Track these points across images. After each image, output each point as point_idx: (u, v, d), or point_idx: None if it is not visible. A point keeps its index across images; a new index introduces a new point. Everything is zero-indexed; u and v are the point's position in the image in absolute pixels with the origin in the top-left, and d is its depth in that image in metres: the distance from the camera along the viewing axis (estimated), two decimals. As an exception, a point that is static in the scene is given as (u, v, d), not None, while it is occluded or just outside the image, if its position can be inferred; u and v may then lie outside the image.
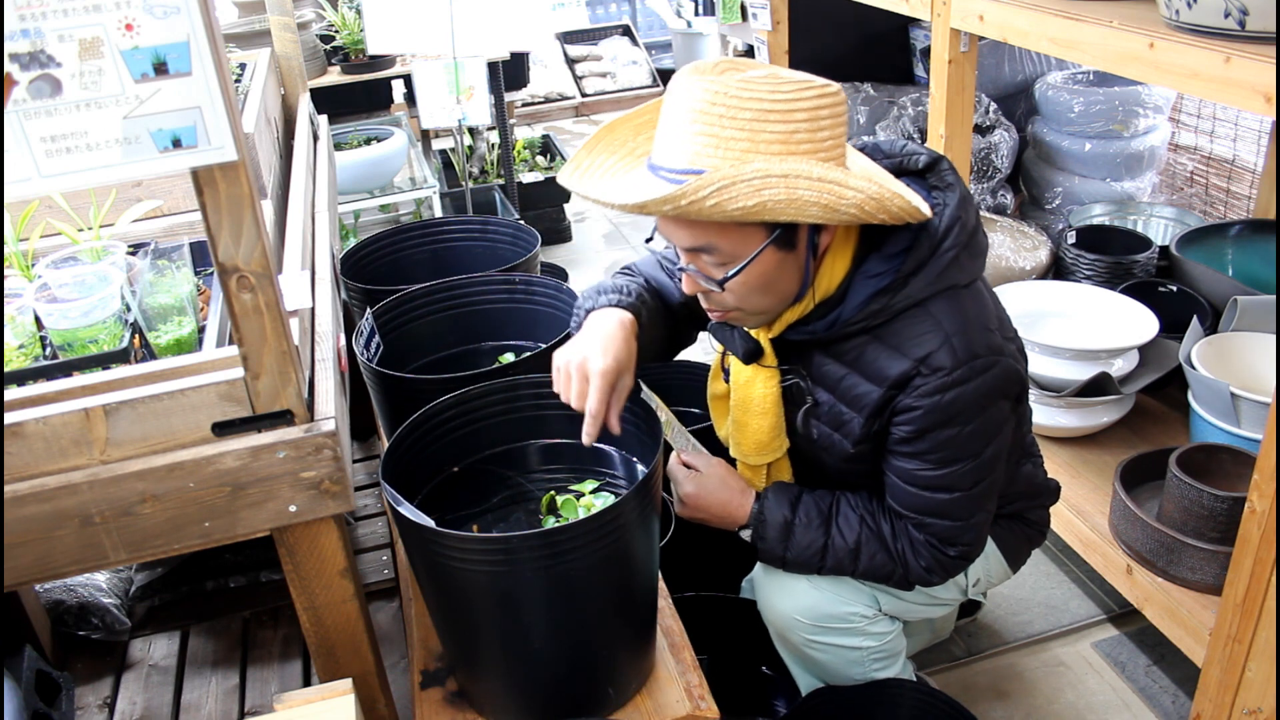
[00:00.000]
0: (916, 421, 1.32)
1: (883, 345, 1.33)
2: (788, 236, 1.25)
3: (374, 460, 2.42)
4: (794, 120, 1.16)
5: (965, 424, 1.32)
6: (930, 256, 1.29)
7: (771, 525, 1.47)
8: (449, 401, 1.45)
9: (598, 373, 1.33)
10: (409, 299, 1.77)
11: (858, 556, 1.45)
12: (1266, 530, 1.45)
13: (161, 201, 1.71)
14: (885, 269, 1.30)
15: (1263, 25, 1.38)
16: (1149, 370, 2.20)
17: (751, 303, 1.32)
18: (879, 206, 1.20)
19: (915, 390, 1.30)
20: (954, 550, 1.42)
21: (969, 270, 1.33)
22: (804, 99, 1.16)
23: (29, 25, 0.89)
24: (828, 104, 1.18)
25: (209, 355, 1.18)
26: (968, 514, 1.39)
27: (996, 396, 1.33)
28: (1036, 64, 3.21)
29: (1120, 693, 1.92)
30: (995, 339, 1.33)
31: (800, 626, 1.53)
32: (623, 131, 1.36)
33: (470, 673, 1.41)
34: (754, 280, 1.28)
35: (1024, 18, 1.84)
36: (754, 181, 1.14)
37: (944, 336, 1.29)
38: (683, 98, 1.19)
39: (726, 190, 1.14)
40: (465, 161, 3.85)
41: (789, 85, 1.16)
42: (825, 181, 1.16)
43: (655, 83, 6.31)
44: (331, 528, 1.23)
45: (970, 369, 1.29)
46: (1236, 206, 3.09)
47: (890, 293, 1.29)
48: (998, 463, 1.40)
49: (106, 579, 1.96)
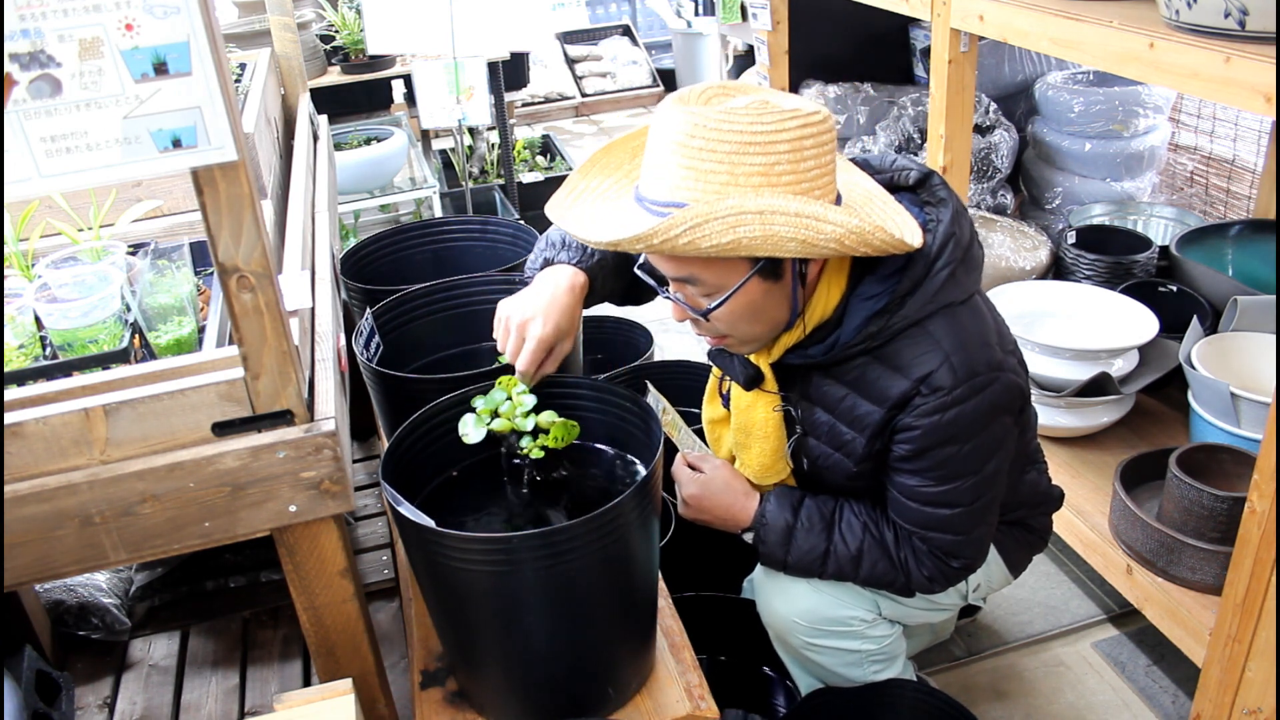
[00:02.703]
0: (917, 440, 1.32)
1: (883, 366, 1.32)
2: (772, 268, 1.25)
3: (374, 460, 2.42)
4: (775, 152, 1.15)
5: (966, 441, 1.32)
6: (925, 276, 1.28)
7: (773, 529, 1.47)
8: (449, 401, 1.45)
9: (535, 338, 1.39)
10: (409, 299, 1.77)
11: (859, 563, 1.45)
12: (1266, 530, 1.45)
13: (161, 201, 1.71)
14: (880, 290, 1.29)
15: (1263, 25, 1.38)
16: (1149, 370, 2.20)
17: (741, 330, 1.33)
18: (859, 240, 1.19)
19: (915, 410, 1.30)
20: (957, 562, 1.42)
21: (965, 286, 1.33)
22: (786, 130, 1.15)
23: (29, 25, 0.89)
24: (812, 133, 1.17)
25: (209, 355, 1.18)
26: (969, 528, 1.40)
27: (997, 413, 1.34)
28: (1036, 64, 3.21)
29: (1120, 693, 1.92)
30: (995, 354, 1.33)
31: (799, 629, 1.53)
32: (619, 154, 1.37)
33: (470, 673, 1.41)
34: (740, 310, 1.28)
35: (1024, 18, 1.84)
36: (728, 219, 1.13)
37: (943, 356, 1.29)
38: (666, 128, 1.19)
39: (699, 229, 1.14)
40: (465, 161, 3.85)
41: (771, 116, 1.15)
42: (802, 217, 1.15)
43: (655, 83, 6.31)
44: (331, 528, 1.23)
45: (970, 387, 1.29)
46: (1236, 206, 3.09)
47: (887, 314, 1.29)
48: (999, 477, 1.40)
49: (106, 579, 1.96)
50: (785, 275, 1.27)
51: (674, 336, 3.44)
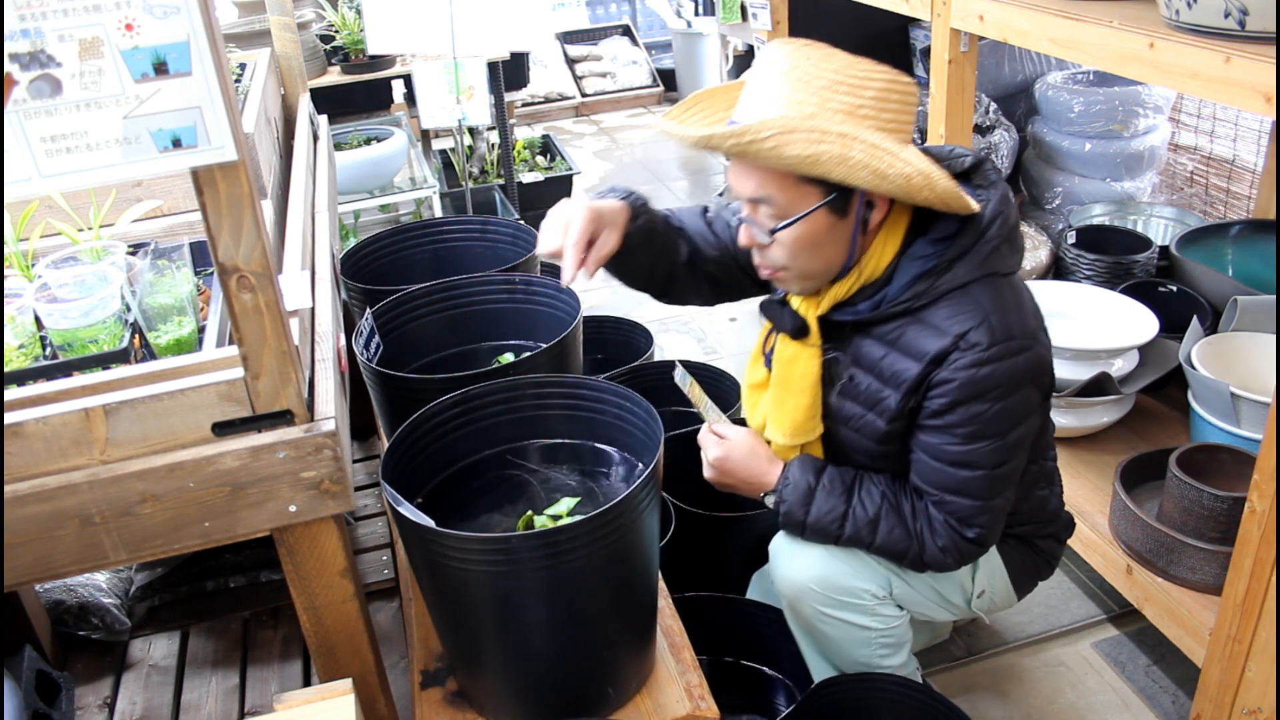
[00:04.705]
0: (951, 394, 1.37)
1: (924, 326, 1.39)
2: (841, 203, 1.34)
3: (374, 460, 2.42)
4: (862, 96, 1.27)
5: (995, 401, 1.37)
6: (975, 243, 1.37)
7: (795, 489, 1.51)
8: (449, 401, 1.45)
9: (579, 212, 1.44)
10: (409, 299, 1.77)
11: (876, 528, 1.48)
12: (1266, 530, 1.45)
13: (161, 201, 1.71)
14: (931, 252, 1.38)
15: (1263, 25, 1.38)
16: (1149, 370, 2.20)
17: (800, 263, 1.39)
18: (926, 183, 1.28)
19: (952, 364, 1.36)
20: (971, 532, 1.45)
21: (1009, 263, 1.41)
22: (875, 79, 1.28)
23: (29, 25, 0.89)
24: (898, 91, 1.30)
25: (209, 355, 1.18)
26: (988, 494, 1.43)
27: (1028, 380, 1.39)
28: (1036, 64, 3.21)
29: (1120, 693, 1.92)
30: (1031, 324, 1.41)
31: (813, 596, 1.55)
32: (717, 99, 1.46)
33: (470, 673, 1.41)
34: (804, 238, 1.36)
35: (1024, 18, 1.84)
36: (812, 134, 1.24)
37: (983, 315, 1.35)
38: (766, 64, 1.32)
39: (785, 136, 1.24)
40: (465, 161, 3.85)
41: (864, 66, 1.29)
42: (879, 149, 1.25)
43: (655, 83, 6.31)
44: (331, 528, 1.23)
45: (1005, 348, 1.35)
46: (1236, 206, 3.09)
47: (934, 275, 1.37)
48: (1021, 450, 1.44)
49: (106, 579, 1.96)
50: (850, 215, 1.36)
51: (674, 336, 3.44)
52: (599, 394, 1.48)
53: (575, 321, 1.65)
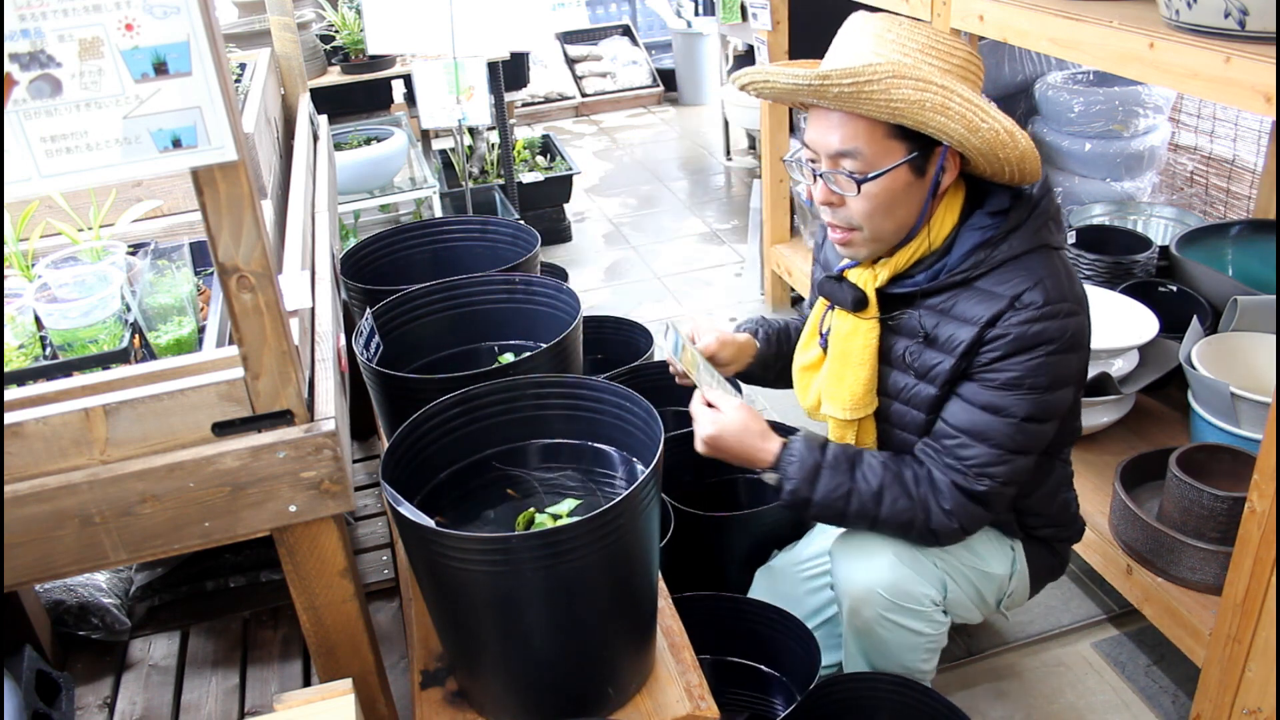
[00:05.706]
0: (1001, 348, 1.41)
1: (976, 292, 1.44)
2: (921, 162, 1.40)
3: (374, 460, 2.42)
4: (950, 62, 1.36)
5: (1042, 356, 1.41)
6: (1028, 216, 1.44)
7: (801, 466, 1.51)
8: (449, 401, 1.45)
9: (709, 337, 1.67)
10: (409, 299, 1.77)
11: (880, 499, 1.49)
12: (1266, 530, 1.45)
13: (161, 201, 1.71)
14: (989, 223, 1.45)
15: (1263, 25, 1.38)
16: (1149, 370, 2.20)
17: (874, 223, 1.44)
18: (1011, 140, 1.36)
19: (1006, 321, 1.41)
20: (981, 484, 1.45)
21: (1058, 238, 1.47)
22: (960, 50, 1.38)
23: (29, 25, 0.89)
24: (976, 64, 1.40)
25: (209, 355, 1.18)
26: (1010, 445, 1.44)
27: (1074, 345, 1.43)
28: (1036, 64, 3.21)
29: (1120, 693, 1.92)
30: (1080, 292, 1.46)
31: (879, 601, 1.55)
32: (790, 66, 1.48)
33: (470, 673, 1.41)
34: (884, 193, 1.41)
35: (1024, 18, 1.85)
36: (919, 81, 1.31)
37: (1038, 278, 1.41)
38: (857, 27, 1.41)
39: (896, 80, 1.31)
40: (465, 161, 3.85)
41: (948, 36, 1.39)
42: (974, 104, 1.33)
43: (655, 83, 6.31)
44: (331, 528, 1.23)
45: (1058, 308, 1.40)
46: (1236, 206, 3.09)
47: (992, 245, 1.43)
48: (1053, 414, 1.46)
49: (106, 579, 1.96)
50: (928, 175, 1.42)
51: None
52: (599, 394, 1.48)
53: (575, 321, 1.65)
